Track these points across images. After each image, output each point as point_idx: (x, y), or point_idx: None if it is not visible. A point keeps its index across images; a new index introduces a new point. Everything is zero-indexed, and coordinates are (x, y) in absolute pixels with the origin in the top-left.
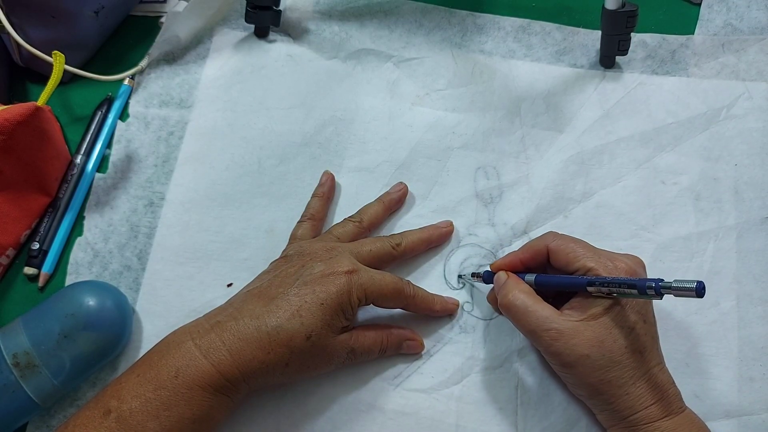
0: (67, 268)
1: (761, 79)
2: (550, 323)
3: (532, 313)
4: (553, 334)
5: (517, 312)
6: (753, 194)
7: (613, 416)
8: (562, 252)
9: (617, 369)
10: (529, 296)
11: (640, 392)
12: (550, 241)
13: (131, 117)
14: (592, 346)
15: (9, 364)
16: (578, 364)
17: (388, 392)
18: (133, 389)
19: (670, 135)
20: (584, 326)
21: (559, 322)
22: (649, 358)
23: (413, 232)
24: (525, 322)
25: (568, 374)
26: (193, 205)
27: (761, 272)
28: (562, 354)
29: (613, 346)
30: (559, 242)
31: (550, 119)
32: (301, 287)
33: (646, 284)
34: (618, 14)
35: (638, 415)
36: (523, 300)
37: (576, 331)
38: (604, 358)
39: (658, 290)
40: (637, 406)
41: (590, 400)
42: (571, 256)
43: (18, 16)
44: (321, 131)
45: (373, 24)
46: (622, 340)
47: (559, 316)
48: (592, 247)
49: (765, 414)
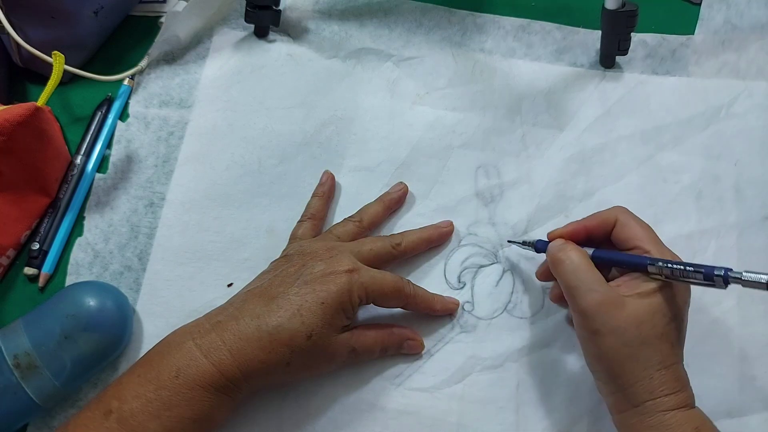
0: (67, 269)
1: (761, 78)
2: (596, 285)
3: (581, 271)
4: (596, 296)
5: (565, 266)
6: (754, 192)
7: (626, 400)
8: (628, 227)
9: (648, 350)
10: (583, 257)
11: (664, 380)
12: (619, 214)
13: (131, 117)
14: (631, 323)
15: (10, 365)
16: (611, 335)
17: (390, 392)
18: (134, 389)
19: (670, 133)
20: (629, 301)
21: (605, 288)
22: (676, 353)
23: (413, 232)
24: (572, 277)
25: (593, 344)
26: (193, 205)
27: (762, 270)
28: (597, 320)
29: (650, 330)
30: (628, 217)
31: (550, 117)
32: (302, 287)
33: (715, 271)
34: (618, 14)
35: (655, 402)
36: (575, 257)
37: (619, 302)
38: (639, 338)
39: (726, 279)
40: (657, 392)
41: (607, 376)
42: (634, 234)
43: (18, 16)
44: (321, 131)
45: (373, 23)
46: (660, 327)
47: (606, 283)
48: (655, 234)
49: (766, 413)
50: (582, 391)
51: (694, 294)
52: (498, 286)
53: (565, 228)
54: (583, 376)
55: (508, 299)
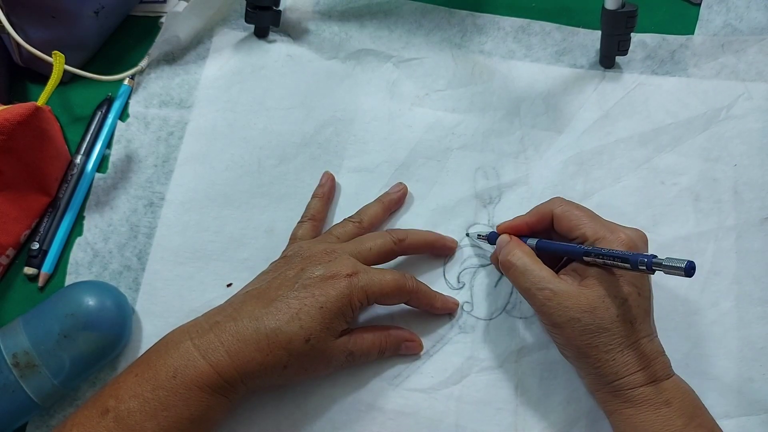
0: (66, 268)
1: (761, 80)
2: (545, 283)
3: (529, 272)
4: (547, 293)
5: (515, 270)
6: (752, 195)
7: (598, 380)
8: (565, 218)
9: (605, 335)
10: (529, 257)
11: (626, 359)
12: (556, 207)
13: (131, 117)
14: (584, 311)
15: (9, 364)
16: (567, 326)
17: (388, 392)
18: (131, 389)
19: (669, 135)
20: (578, 291)
21: (554, 284)
22: (639, 329)
23: (419, 232)
24: (522, 279)
25: (556, 334)
26: (192, 205)
27: (761, 272)
28: (553, 314)
29: (604, 313)
30: (564, 208)
31: (549, 120)
32: (301, 290)
33: (639, 259)
34: (618, 14)
35: (622, 381)
36: (522, 259)
37: (570, 294)
38: (594, 324)
39: (649, 266)
40: (622, 372)
41: (577, 362)
42: (573, 223)
43: (18, 16)
44: (321, 131)
45: (373, 24)
46: (614, 309)
47: (555, 278)
48: (597, 216)
49: (765, 414)
50: (580, 392)
51: (693, 295)
52: (497, 286)
53: (511, 222)
54: None
55: (507, 300)
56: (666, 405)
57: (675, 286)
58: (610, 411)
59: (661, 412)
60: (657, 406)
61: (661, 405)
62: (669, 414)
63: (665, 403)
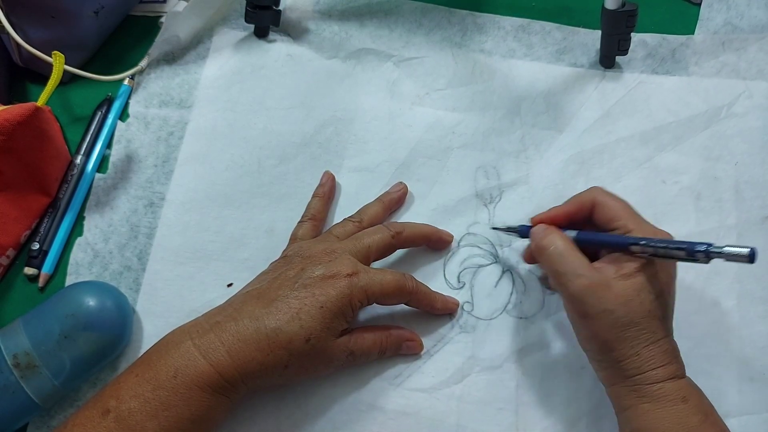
0: (67, 269)
1: (762, 78)
2: (582, 270)
3: (566, 256)
4: (583, 281)
5: (551, 255)
6: (753, 193)
7: (618, 374)
8: (607, 207)
9: (634, 330)
10: (566, 243)
11: (651, 354)
12: (597, 195)
13: (131, 117)
14: (619, 303)
15: (9, 365)
16: (599, 318)
17: (389, 392)
18: (132, 389)
19: (670, 134)
20: (615, 282)
21: (591, 272)
22: (666, 326)
23: (416, 225)
24: (558, 263)
25: (584, 326)
26: (193, 205)
27: (762, 271)
28: (586, 303)
29: (638, 307)
30: (606, 198)
31: (550, 119)
32: (301, 290)
33: (696, 247)
34: (618, 14)
35: (644, 376)
36: (559, 244)
37: (606, 285)
38: (627, 317)
39: (708, 254)
40: (645, 367)
41: (598, 356)
42: (615, 214)
43: (18, 16)
44: (321, 131)
45: (373, 24)
46: (648, 303)
47: (591, 267)
48: (634, 210)
49: (766, 414)
50: (581, 392)
51: (693, 295)
52: (497, 286)
53: (548, 213)
54: (582, 377)
55: (507, 300)
56: (683, 402)
57: (676, 285)
58: (625, 406)
59: (678, 408)
60: (675, 402)
61: (678, 401)
62: (686, 410)
63: (682, 400)
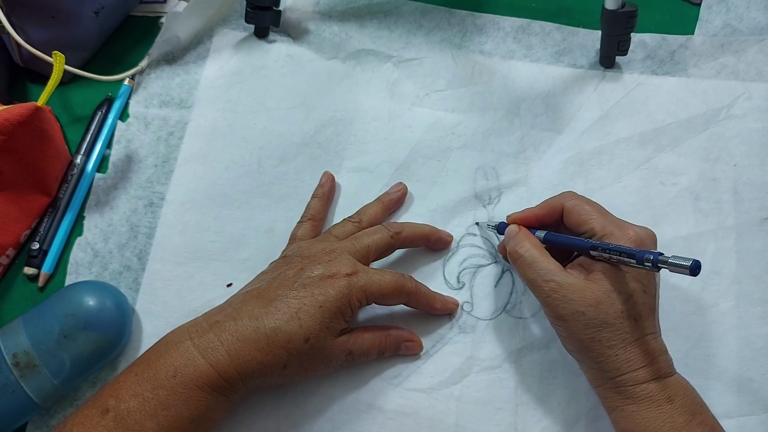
0: (67, 268)
1: (761, 80)
2: (551, 275)
3: (536, 263)
4: (552, 285)
5: (522, 261)
6: (752, 195)
7: (601, 375)
8: (575, 212)
9: (609, 331)
10: (537, 249)
11: (629, 356)
12: (566, 200)
13: (131, 117)
14: (589, 305)
15: (9, 364)
16: (572, 319)
17: (388, 392)
18: (131, 388)
19: (669, 135)
20: (584, 285)
21: (560, 276)
22: (644, 326)
23: (415, 225)
24: (528, 270)
25: (560, 327)
26: (193, 205)
27: (761, 272)
28: (557, 306)
29: (609, 308)
30: (574, 202)
31: (549, 120)
32: (300, 290)
33: (645, 256)
34: (618, 14)
35: (625, 377)
36: (530, 251)
37: (575, 287)
38: (598, 319)
39: (655, 263)
40: (624, 368)
41: (579, 356)
42: (582, 218)
43: (18, 16)
44: (321, 131)
45: (373, 24)
46: (619, 304)
47: (561, 271)
48: (607, 212)
49: (764, 414)
50: (580, 391)
51: (692, 295)
52: (497, 286)
53: (522, 213)
54: (581, 377)
55: (507, 300)
56: (668, 402)
57: (675, 285)
58: (612, 407)
59: (663, 408)
60: (659, 403)
61: (663, 402)
62: (671, 411)
63: (667, 400)
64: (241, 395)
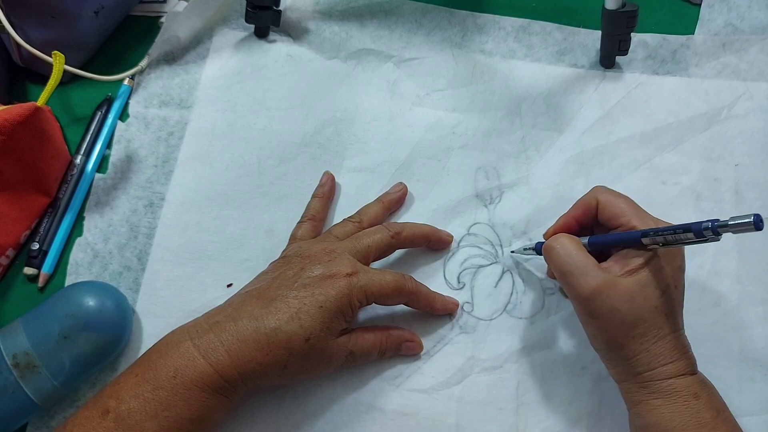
0: (66, 269)
1: (762, 79)
2: (588, 269)
3: (574, 256)
4: (589, 280)
5: (558, 255)
6: (754, 194)
7: (628, 371)
8: (610, 206)
9: (643, 326)
10: (575, 244)
11: (660, 351)
12: (599, 194)
13: (131, 117)
14: (624, 300)
15: (9, 365)
16: (607, 317)
17: (388, 393)
18: (132, 389)
19: (670, 135)
20: (620, 280)
21: (597, 271)
22: (674, 322)
23: (416, 225)
24: (565, 263)
25: (593, 325)
26: (193, 206)
27: (762, 272)
28: (593, 303)
29: (643, 303)
30: (608, 196)
31: (550, 119)
32: (300, 290)
33: (703, 225)
34: (618, 14)
35: (654, 372)
36: (567, 243)
37: (611, 284)
38: (633, 314)
39: (714, 230)
40: (654, 363)
41: (608, 354)
42: (617, 211)
43: (18, 16)
44: (321, 131)
45: (374, 24)
46: (653, 299)
47: (597, 267)
48: (636, 205)
49: (766, 415)
50: (582, 392)
51: (693, 295)
52: (497, 286)
53: (557, 223)
54: (583, 377)
55: (507, 300)
56: (695, 398)
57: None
58: (636, 401)
59: (689, 404)
60: (686, 398)
61: (690, 398)
62: (697, 407)
63: (694, 396)
64: (242, 396)
